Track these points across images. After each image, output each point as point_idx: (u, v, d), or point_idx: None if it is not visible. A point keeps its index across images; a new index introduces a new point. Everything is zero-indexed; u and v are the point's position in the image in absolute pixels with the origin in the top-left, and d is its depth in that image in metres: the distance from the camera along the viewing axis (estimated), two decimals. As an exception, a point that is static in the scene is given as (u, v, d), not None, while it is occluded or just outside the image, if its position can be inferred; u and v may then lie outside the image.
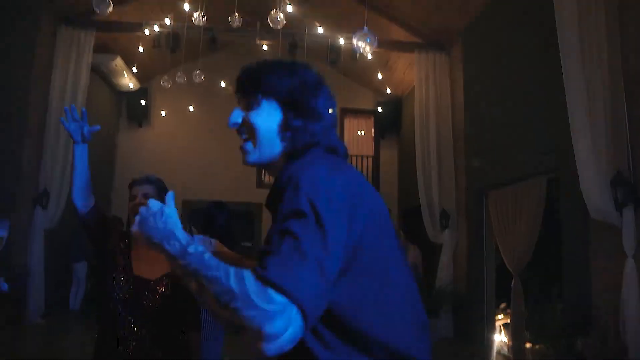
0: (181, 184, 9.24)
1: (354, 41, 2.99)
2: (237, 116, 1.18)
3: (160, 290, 2.04)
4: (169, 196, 1.07)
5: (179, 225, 0.98)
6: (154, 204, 1.01)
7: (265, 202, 1.16)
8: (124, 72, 8.77)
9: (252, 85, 1.17)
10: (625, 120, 3.78)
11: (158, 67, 9.29)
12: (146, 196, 2.10)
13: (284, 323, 0.82)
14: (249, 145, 1.17)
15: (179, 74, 6.22)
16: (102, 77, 8.80)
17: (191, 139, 9.92)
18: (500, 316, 6.54)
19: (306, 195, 0.93)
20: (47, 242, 6.63)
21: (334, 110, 1.22)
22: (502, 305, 6.56)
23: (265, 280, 0.84)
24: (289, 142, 1.14)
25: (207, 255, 0.92)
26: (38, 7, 6.60)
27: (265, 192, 1.30)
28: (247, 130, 1.17)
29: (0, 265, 5.59)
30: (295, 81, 1.16)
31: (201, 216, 3.85)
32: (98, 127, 2.10)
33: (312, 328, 0.92)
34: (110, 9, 3.58)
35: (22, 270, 6.22)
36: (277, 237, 0.90)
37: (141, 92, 9.87)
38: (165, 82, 6.96)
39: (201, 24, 4.68)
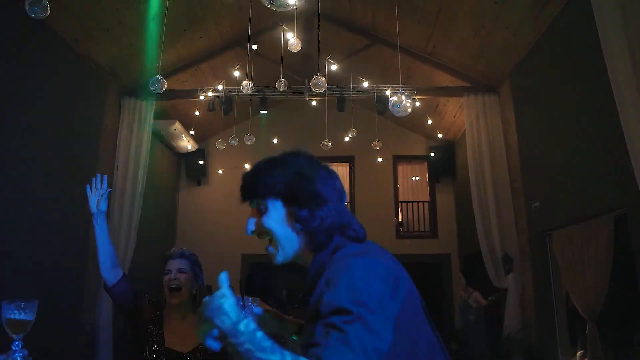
0: (239, 239, 9.45)
1: (390, 107, 3.05)
2: (252, 224, 1.23)
3: None
4: (223, 279, 1.03)
5: (234, 307, 0.98)
6: (216, 300, 0.98)
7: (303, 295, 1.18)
8: (183, 135, 9.27)
9: (253, 192, 1.23)
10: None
11: (214, 129, 9.77)
12: (181, 271, 2.19)
13: None
14: (272, 249, 1.22)
15: (232, 136, 6.52)
16: (163, 141, 9.35)
17: (247, 196, 10.18)
18: (576, 366, 6.06)
19: (348, 292, 0.96)
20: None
21: (337, 185, 1.25)
22: (579, 353, 6.09)
23: None
24: (304, 234, 1.18)
25: (260, 335, 0.93)
26: (105, 81, 7.19)
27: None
28: (266, 234, 1.22)
29: (73, 322, 5.85)
30: (289, 174, 1.20)
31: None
32: (109, 189, 2.18)
33: None
34: (165, 87, 3.86)
35: (91, 328, 6.47)
36: (323, 331, 0.93)
37: (199, 153, 10.37)
38: (219, 145, 7.29)
39: (249, 91, 4.91)
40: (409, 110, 3.06)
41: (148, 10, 6.13)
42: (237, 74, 6.25)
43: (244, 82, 4.71)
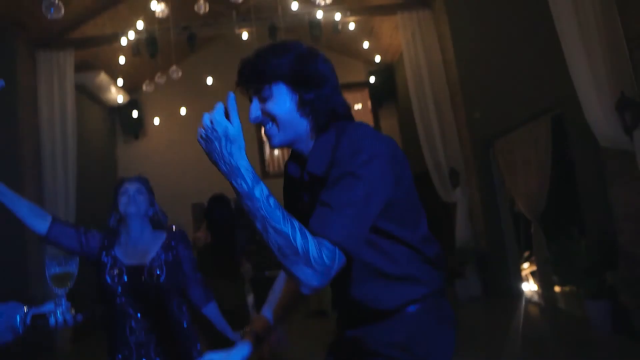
0: (189, 188, 9.22)
1: None
2: (256, 109, 1.26)
3: (155, 273, 2.09)
4: (232, 106, 1.10)
5: (244, 158, 1.08)
6: (218, 122, 1.08)
7: (307, 169, 1.27)
8: (111, 87, 8.69)
9: (257, 78, 1.24)
10: (622, 37, 3.58)
11: (143, 77, 9.18)
12: (139, 192, 2.21)
13: (335, 263, 1.06)
14: (273, 129, 1.25)
15: (158, 74, 6.10)
16: (89, 95, 8.72)
17: (189, 142, 9.81)
18: (525, 265, 6.43)
19: (361, 158, 1.12)
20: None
21: (334, 71, 1.30)
22: (526, 254, 6.46)
23: (320, 237, 1.06)
24: (312, 115, 1.25)
25: (272, 201, 1.05)
26: (12, 35, 6.49)
27: (270, 182, 1.40)
28: (269, 119, 1.25)
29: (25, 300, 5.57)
30: (291, 59, 1.23)
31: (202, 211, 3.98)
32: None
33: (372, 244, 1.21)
34: (62, 11, 3.45)
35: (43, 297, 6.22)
36: (334, 192, 1.11)
37: (132, 104, 9.77)
38: (147, 87, 6.86)
39: (164, 15, 4.53)
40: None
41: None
42: (155, 6, 5.72)
43: (158, 7, 4.28)
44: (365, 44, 8.83)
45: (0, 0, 5.91)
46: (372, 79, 10.07)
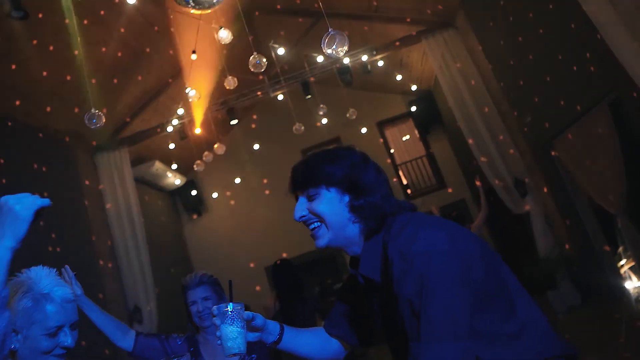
0: (256, 252, 9.34)
1: (324, 49, 2.87)
2: (302, 209, 1.30)
3: None
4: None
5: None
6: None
7: (360, 271, 1.28)
8: (167, 173, 9.11)
9: (309, 181, 1.28)
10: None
11: (194, 156, 9.59)
12: (205, 299, 2.22)
13: None
14: (322, 230, 1.28)
15: (205, 152, 6.36)
16: (150, 184, 9.18)
17: (248, 208, 10.03)
18: (622, 262, 5.91)
19: (429, 270, 1.10)
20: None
21: (385, 177, 1.34)
22: (620, 250, 5.94)
23: None
24: (361, 221, 1.26)
25: None
26: (72, 145, 7.01)
27: None
28: (317, 219, 1.28)
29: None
30: (345, 166, 1.28)
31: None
32: (74, 273, 2.05)
33: None
34: (103, 120, 3.68)
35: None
36: (416, 322, 1.12)
37: (189, 185, 10.21)
38: (198, 167, 7.16)
39: (197, 99, 4.74)
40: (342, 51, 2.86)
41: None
42: (189, 91, 6.02)
43: (190, 91, 4.49)
44: (399, 77, 8.85)
45: (58, 117, 6.44)
46: (413, 108, 10.02)
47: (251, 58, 3.61)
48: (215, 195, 10.17)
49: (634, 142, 4.79)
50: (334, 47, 2.70)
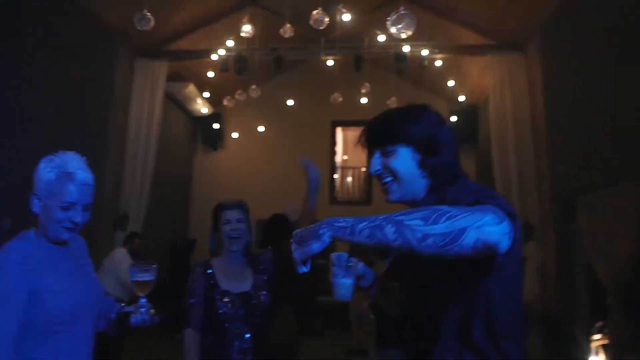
0: (255, 203, 9.34)
1: (389, 27, 2.77)
2: (377, 164, 1.33)
3: (260, 297, 2.27)
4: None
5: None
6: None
7: None
8: (197, 98, 9.10)
9: (388, 139, 1.32)
10: None
11: (229, 91, 9.56)
12: (240, 221, 2.30)
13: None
14: (394, 186, 1.33)
15: (239, 91, 6.29)
16: (177, 103, 9.19)
17: (263, 159, 10.04)
18: (596, 336, 5.83)
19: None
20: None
21: (457, 141, 1.39)
22: (599, 324, 5.86)
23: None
24: (431, 178, 1.31)
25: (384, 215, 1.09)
26: (117, 41, 7.00)
27: (337, 210, 1.51)
28: (390, 174, 1.32)
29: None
30: (424, 126, 1.31)
31: (260, 232, 3.95)
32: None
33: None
34: (152, 24, 3.62)
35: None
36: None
37: (214, 117, 10.20)
38: (228, 102, 7.10)
39: (250, 36, 4.64)
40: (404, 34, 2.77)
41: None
42: (247, 28, 5.90)
43: (246, 27, 4.39)
44: (451, 82, 8.65)
45: (110, 12, 6.40)
46: (453, 118, 9.81)
47: (314, 12, 3.50)
48: (235, 135, 10.16)
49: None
50: (400, 27, 2.60)
